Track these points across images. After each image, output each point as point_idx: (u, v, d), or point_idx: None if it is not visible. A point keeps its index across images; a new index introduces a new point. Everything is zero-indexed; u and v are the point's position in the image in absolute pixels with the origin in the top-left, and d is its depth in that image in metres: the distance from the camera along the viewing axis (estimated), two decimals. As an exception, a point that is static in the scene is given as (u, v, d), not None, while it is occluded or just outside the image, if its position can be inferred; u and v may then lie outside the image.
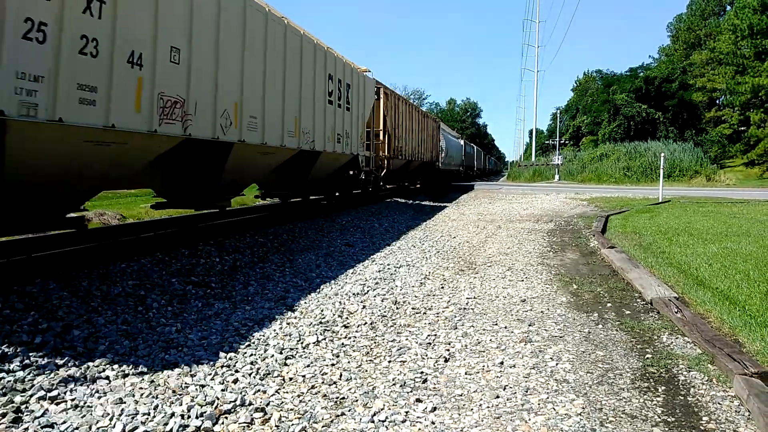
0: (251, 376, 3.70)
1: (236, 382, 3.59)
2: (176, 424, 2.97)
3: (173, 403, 3.23)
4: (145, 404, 3.19)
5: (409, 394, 3.46)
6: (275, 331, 4.68)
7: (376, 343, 4.47)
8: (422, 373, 3.79)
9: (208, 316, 5.07)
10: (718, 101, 52.83)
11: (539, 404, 3.29)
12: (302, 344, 4.37)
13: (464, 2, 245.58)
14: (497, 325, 4.89)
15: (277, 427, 3.03)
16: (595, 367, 3.90)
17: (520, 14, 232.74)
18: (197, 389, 3.44)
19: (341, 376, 3.76)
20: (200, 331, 4.62)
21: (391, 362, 4.02)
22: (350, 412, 3.22)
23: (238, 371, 3.77)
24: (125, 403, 3.20)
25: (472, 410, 3.24)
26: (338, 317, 5.13)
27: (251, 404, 3.25)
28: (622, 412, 3.20)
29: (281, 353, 4.13)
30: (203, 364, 3.88)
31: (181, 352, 4.10)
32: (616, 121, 51.61)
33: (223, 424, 3.05)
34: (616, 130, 50.90)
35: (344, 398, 3.41)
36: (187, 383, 3.53)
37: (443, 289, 6.32)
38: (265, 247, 8.47)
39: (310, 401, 3.36)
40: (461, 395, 3.45)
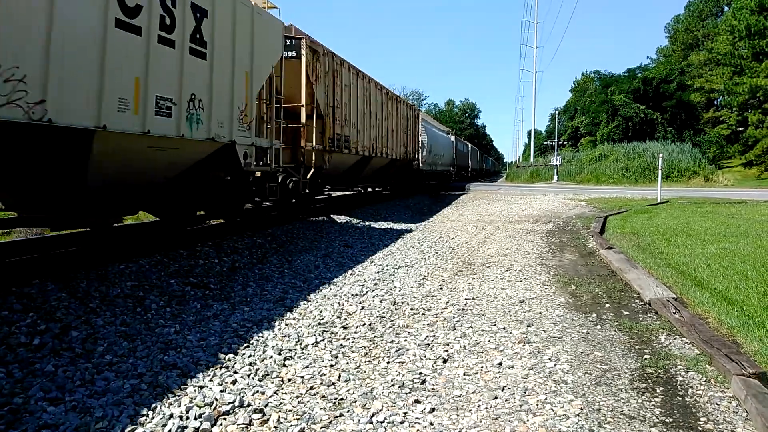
0: (250, 377, 3.70)
1: (235, 383, 3.59)
2: (174, 425, 2.97)
3: (172, 404, 3.23)
4: (143, 405, 3.20)
5: (407, 395, 3.47)
6: (274, 332, 4.68)
7: (374, 344, 4.47)
8: (421, 374, 3.79)
9: (206, 317, 5.07)
10: (716, 102, 52.95)
11: (538, 405, 3.30)
12: (301, 345, 4.37)
13: (462, 3, 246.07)
14: (496, 325, 4.89)
15: (275, 428, 3.03)
16: (593, 367, 3.90)
17: (518, 15, 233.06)
18: (196, 390, 3.44)
19: (340, 377, 3.76)
20: (199, 332, 4.62)
21: (389, 363, 4.02)
22: (349, 413, 3.22)
23: (236, 372, 3.77)
24: (124, 404, 3.20)
25: (470, 411, 3.24)
26: (337, 318, 5.13)
27: (250, 405, 3.25)
28: (620, 412, 3.21)
29: (280, 354, 4.13)
30: (202, 365, 3.88)
31: (179, 353, 4.10)
32: (614, 121, 51.64)
33: (221, 425, 3.05)
34: (614, 130, 50.94)
35: (343, 399, 3.42)
36: (185, 384, 3.53)
37: (442, 289, 6.32)
38: (263, 248, 8.47)
39: (308, 402, 3.36)
40: (460, 396, 3.45)
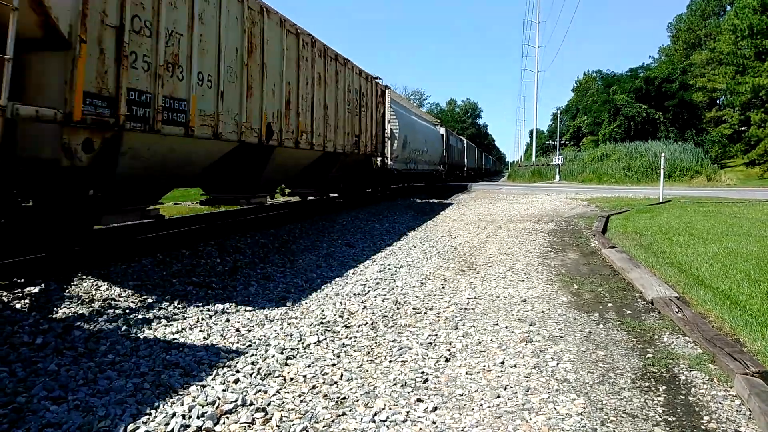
0: (252, 376, 3.70)
1: (237, 382, 3.59)
2: (177, 423, 2.97)
3: (174, 403, 3.23)
4: (146, 404, 3.20)
5: (410, 394, 3.46)
6: (276, 331, 4.68)
7: (377, 343, 4.46)
8: (423, 372, 3.79)
9: (208, 316, 5.07)
10: (718, 101, 52.84)
11: (540, 404, 3.29)
12: (303, 344, 4.37)
13: (464, 3, 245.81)
14: (498, 325, 4.89)
15: (278, 427, 3.03)
16: (596, 366, 3.90)
17: (520, 15, 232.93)
18: (198, 389, 3.44)
19: (342, 376, 3.76)
20: (201, 331, 4.62)
21: (392, 362, 4.02)
22: (351, 412, 3.22)
23: (239, 371, 3.77)
24: (126, 403, 3.20)
25: (473, 410, 3.24)
26: (339, 317, 5.13)
27: (252, 404, 3.25)
28: (623, 411, 3.20)
29: (282, 353, 4.13)
30: (204, 364, 3.88)
31: (182, 352, 4.10)
32: (616, 121, 51.59)
33: (224, 424, 3.05)
34: (616, 130, 50.88)
35: (345, 398, 3.41)
36: (188, 383, 3.53)
37: (444, 289, 6.32)
38: (266, 247, 8.47)
39: (311, 401, 3.36)
40: (462, 395, 3.45)
